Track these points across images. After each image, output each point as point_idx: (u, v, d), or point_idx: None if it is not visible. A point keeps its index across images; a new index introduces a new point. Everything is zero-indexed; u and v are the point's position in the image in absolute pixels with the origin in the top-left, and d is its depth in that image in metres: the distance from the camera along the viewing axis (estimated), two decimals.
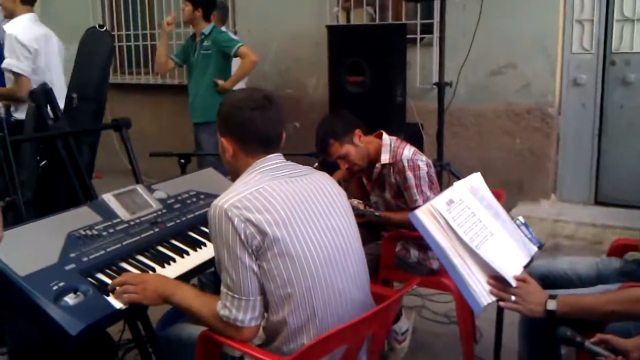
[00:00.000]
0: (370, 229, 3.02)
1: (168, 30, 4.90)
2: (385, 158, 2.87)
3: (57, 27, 6.82)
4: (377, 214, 2.91)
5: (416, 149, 2.90)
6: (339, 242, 1.81)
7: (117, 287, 1.81)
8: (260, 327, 1.76)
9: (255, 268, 1.68)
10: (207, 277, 3.12)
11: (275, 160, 1.84)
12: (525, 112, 4.91)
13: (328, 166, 2.93)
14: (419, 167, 2.78)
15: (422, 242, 2.89)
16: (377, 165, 2.91)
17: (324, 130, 2.90)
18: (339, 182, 3.19)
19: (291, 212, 1.72)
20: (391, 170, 2.86)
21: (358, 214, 2.79)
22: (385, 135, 2.93)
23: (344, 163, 2.90)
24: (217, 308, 1.73)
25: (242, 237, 1.65)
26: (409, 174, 2.78)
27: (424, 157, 2.85)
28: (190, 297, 1.83)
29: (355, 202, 2.95)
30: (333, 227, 1.81)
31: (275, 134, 1.84)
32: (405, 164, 2.79)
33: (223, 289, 1.72)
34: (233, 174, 1.90)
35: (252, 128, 1.80)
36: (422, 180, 2.78)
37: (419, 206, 2.69)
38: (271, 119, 1.82)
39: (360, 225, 2.05)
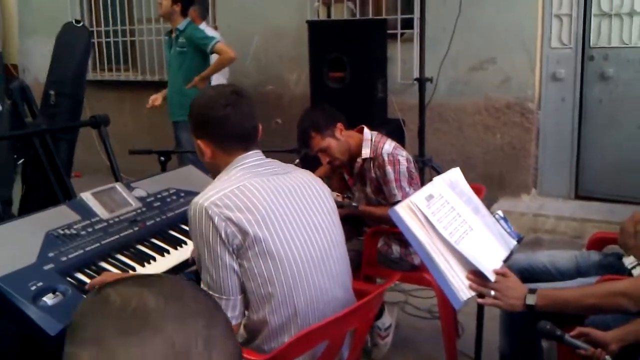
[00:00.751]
0: (353, 225, 3.02)
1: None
2: (366, 152, 2.87)
3: (34, 22, 6.76)
4: (354, 204, 2.92)
5: (397, 144, 2.90)
6: (322, 240, 1.80)
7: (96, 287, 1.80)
8: (240, 325, 1.75)
9: (236, 267, 1.67)
10: (187, 276, 3.09)
11: (255, 157, 1.82)
12: (505, 107, 4.93)
13: (309, 163, 2.92)
14: (398, 162, 2.79)
15: (403, 238, 2.90)
16: (358, 160, 2.91)
17: (306, 123, 2.89)
18: (321, 179, 3.20)
19: (272, 211, 1.70)
20: (372, 165, 2.86)
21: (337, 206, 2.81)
22: (366, 130, 2.94)
23: (325, 157, 2.90)
24: None
25: (223, 236, 1.63)
26: (389, 169, 2.78)
27: (404, 152, 2.86)
28: None
29: (334, 194, 2.94)
30: (315, 226, 1.80)
31: (251, 127, 1.82)
32: (385, 158, 2.80)
33: (203, 287, 1.70)
34: (215, 173, 1.87)
35: (227, 126, 1.78)
36: (402, 175, 2.78)
37: (397, 202, 2.70)
38: (245, 112, 1.80)
39: (343, 221, 2.05)
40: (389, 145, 2.85)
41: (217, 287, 1.67)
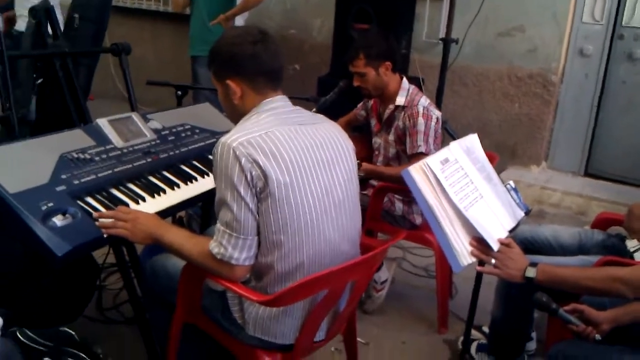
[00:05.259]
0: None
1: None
2: (400, 100, 2.92)
3: None
4: (360, 174, 2.90)
5: (431, 102, 2.93)
6: (337, 195, 1.80)
7: (107, 219, 1.81)
8: (252, 267, 1.76)
9: (255, 209, 1.68)
10: (194, 210, 3.14)
11: (282, 102, 1.82)
12: (527, 76, 4.87)
13: (325, 112, 2.91)
14: (431, 118, 2.83)
15: (408, 197, 2.92)
16: (390, 106, 2.95)
17: (362, 42, 2.93)
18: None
19: (297, 161, 1.71)
20: (402, 114, 2.90)
21: None
22: (405, 80, 2.98)
23: (358, 81, 2.94)
24: (209, 247, 1.72)
25: (248, 177, 1.64)
26: (421, 120, 2.82)
27: (437, 112, 2.90)
28: (181, 238, 1.81)
29: None
30: (335, 180, 1.80)
31: (279, 67, 1.82)
32: (420, 110, 2.84)
33: (220, 226, 1.70)
34: (237, 117, 1.84)
35: (258, 62, 1.77)
36: (431, 131, 2.82)
37: (419, 152, 2.74)
38: (273, 50, 1.80)
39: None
40: (424, 100, 2.90)
41: (237, 227, 1.67)
